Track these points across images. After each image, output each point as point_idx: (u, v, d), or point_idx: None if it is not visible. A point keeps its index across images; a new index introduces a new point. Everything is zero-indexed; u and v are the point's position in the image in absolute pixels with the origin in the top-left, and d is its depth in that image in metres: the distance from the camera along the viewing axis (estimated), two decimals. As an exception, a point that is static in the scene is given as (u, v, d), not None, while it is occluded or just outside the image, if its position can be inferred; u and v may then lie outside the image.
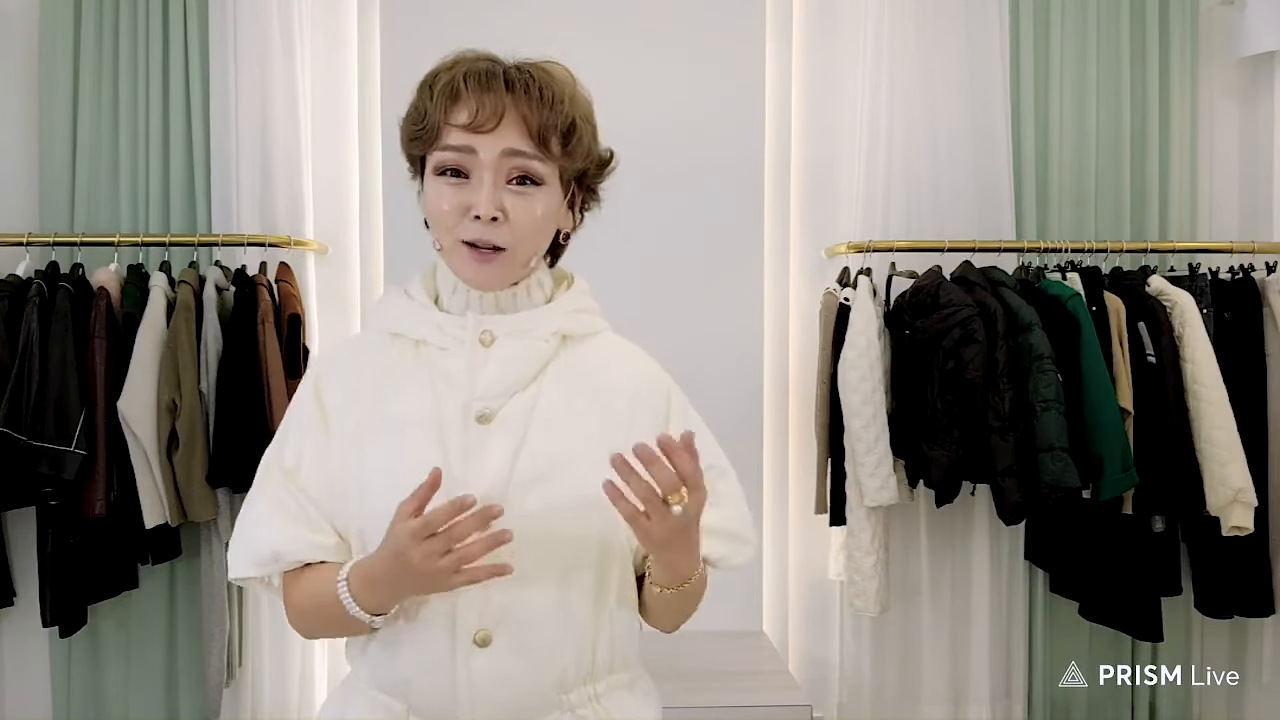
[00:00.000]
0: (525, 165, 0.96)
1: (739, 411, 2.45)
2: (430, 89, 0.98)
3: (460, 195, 0.96)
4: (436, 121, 0.96)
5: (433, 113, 0.96)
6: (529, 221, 0.97)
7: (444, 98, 0.96)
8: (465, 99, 0.95)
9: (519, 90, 0.95)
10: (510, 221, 0.96)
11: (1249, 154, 2.59)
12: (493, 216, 0.95)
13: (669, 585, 0.99)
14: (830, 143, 2.55)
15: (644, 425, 1.04)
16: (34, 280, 2.15)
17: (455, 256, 0.99)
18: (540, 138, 0.96)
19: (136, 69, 2.34)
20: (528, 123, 0.95)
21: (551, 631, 0.97)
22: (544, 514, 0.96)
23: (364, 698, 1.02)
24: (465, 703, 0.95)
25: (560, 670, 0.98)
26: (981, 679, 2.47)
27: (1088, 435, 2.14)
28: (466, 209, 0.96)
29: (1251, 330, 2.31)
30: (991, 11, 2.44)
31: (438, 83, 0.97)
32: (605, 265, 1.20)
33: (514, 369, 1.00)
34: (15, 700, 2.41)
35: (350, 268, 2.52)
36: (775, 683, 2.10)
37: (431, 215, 1.00)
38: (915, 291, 2.27)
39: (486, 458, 0.97)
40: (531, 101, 0.95)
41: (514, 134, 0.95)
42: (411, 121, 1.00)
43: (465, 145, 0.95)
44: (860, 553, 2.26)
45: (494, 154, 0.95)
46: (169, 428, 2.11)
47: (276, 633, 2.39)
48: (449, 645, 0.96)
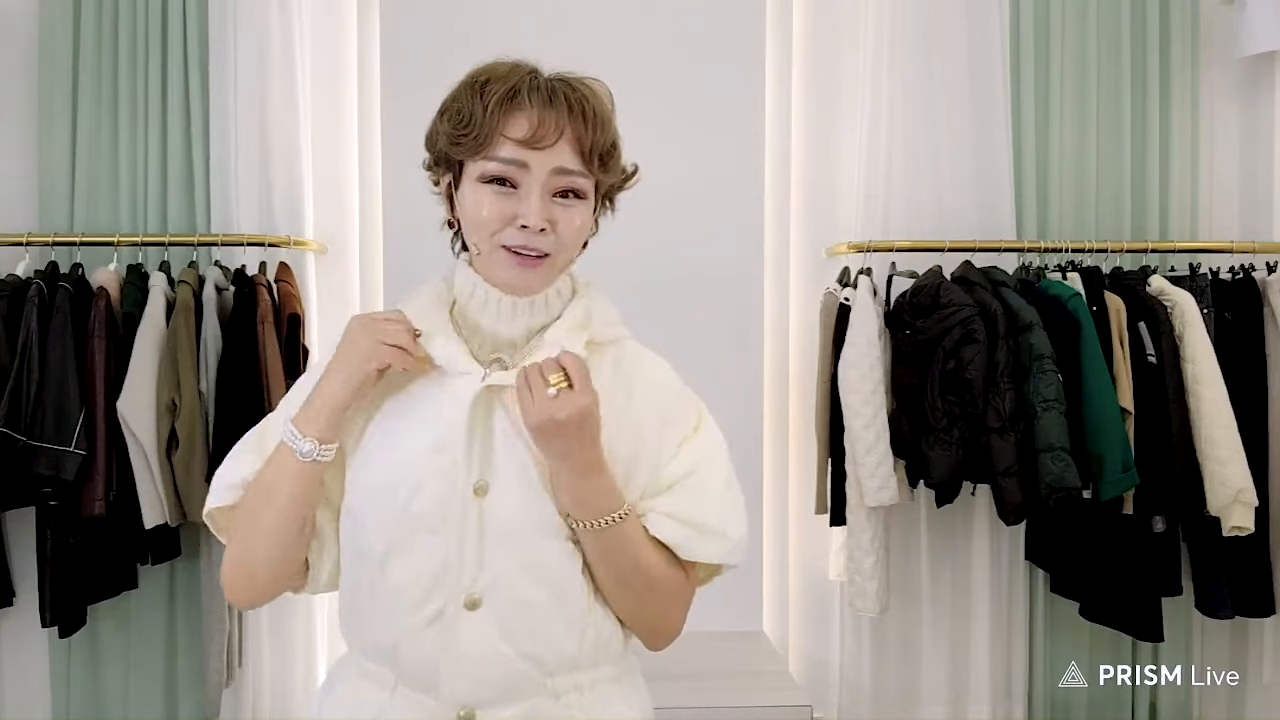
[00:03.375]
0: (572, 182, 0.98)
1: (739, 411, 2.45)
2: (479, 94, 0.97)
3: (506, 204, 0.97)
4: (489, 130, 0.96)
5: (484, 120, 0.96)
6: (571, 232, 1.00)
7: (500, 108, 0.96)
8: (527, 113, 0.96)
9: (575, 109, 0.97)
10: (556, 232, 0.98)
11: (1249, 154, 2.59)
12: (540, 228, 0.97)
13: (581, 518, 0.98)
14: (830, 143, 2.55)
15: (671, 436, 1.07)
16: (33, 280, 2.14)
17: (493, 260, 1.00)
18: (588, 157, 0.98)
19: (136, 69, 2.34)
20: (580, 143, 0.98)
21: (539, 611, 0.99)
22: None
23: (356, 668, 1.05)
24: (449, 670, 0.98)
25: (544, 650, 0.99)
26: (981, 679, 2.47)
27: (1088, 435, 2.14)
28: (512, 218, 0.97)
29: (1252, 330, 2.31)
30: (992, 12, 2.44)
31: (490, 90, 0.96)
32: (605, 265, 1.21)
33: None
34: (15, 700, 2.41)
35: (350, 268, 2.52)
36: (775, 683, 2.10)
37: (472, 220, 1.00)
38: (915, 291, 2.27)
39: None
40: (586, 122, 0.98)
41: (567, 153, 0.97)
42: (455, 125, 0.98)
43: (519, 159, 0.96)
44: (860, 553, 2.26)
45: (546, 170, 0.97)
46: (169, 428, 2.11)
47: (276, 633, 2.39)
48: (438, 609, 0.98)
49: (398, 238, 2.42)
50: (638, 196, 1.18)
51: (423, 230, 1.17)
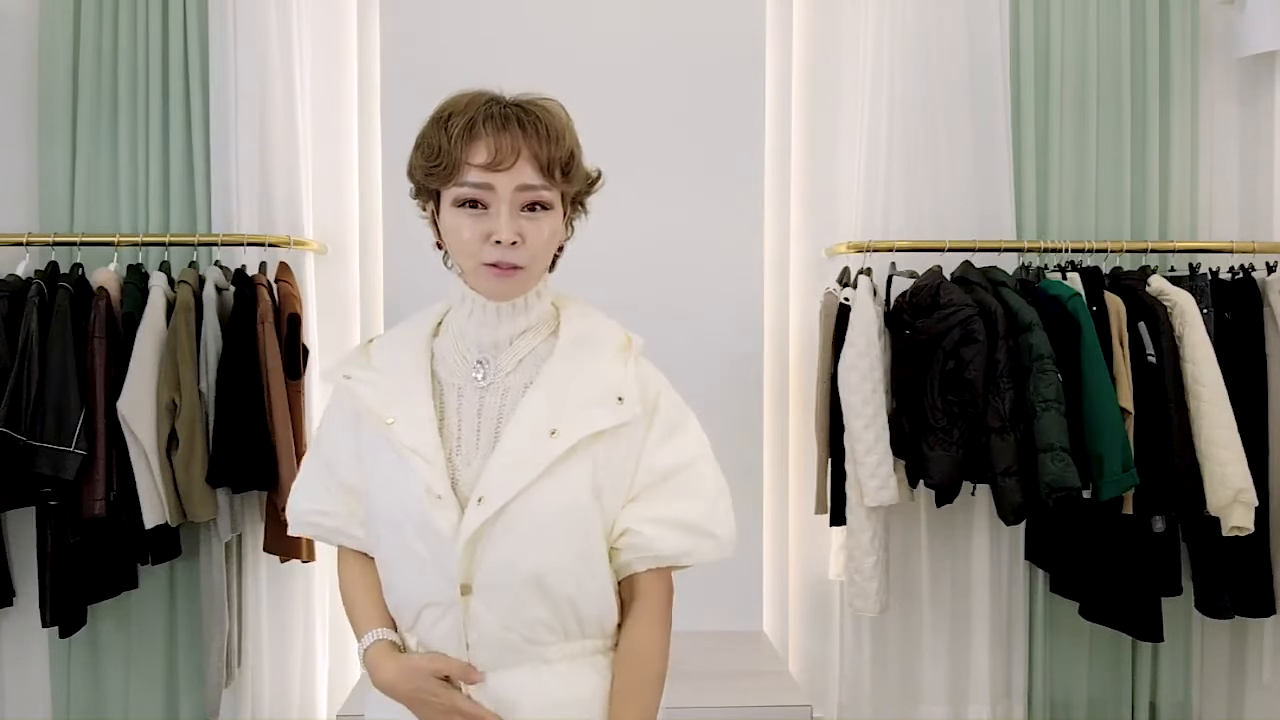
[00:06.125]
0: (536, 195, 1.07)
1: (739, 412, 2.45)
2: (444, 128, 1.07)
3: (481, 224, 1.07)
4: (455, 160, 1.06)
5: (449, 151, 1.06)
6: (541, 242, 1.09)
7: (462, 138, 1.06)
8: (485, 140, 1.05)
9: (529, 130, 1.06)
10: (526, 244, 1.08)
11: (1249, 154, 2.59)
12: (512, 241, 1.06)
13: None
14: (830, 143, 2.55)
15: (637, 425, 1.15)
16: (34, 280, 2.15)
17: (478, 276, 1.10)
18: (548, 170, 1.07)
19: (136, 69, 2.34)
20: (538, 159, 1.06)
21: (528, 596, 1.08)
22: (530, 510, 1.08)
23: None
24: (455, 640, 1.10)
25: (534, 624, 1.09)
26: (981, 679, 2.47)
27: (1088, 435, 2.14)
28: (487, 235, 1.07)
29: (1252, 330, 2.31)
30: (992, 13, 2.44)
31: (453, 123, 1.06)
32: (606, 265, 1.22)
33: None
34: (15, 700, 2.41)
35: (350, 268, 2.52)
36: (775, 683, 2.10)
37: (454, 243, 1.11)
38: (915, 291, 2.27)
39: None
40: (541, 140, 1.06)
41: (527, 170, 1.06)
42: (426, 158, 1.09)
43: (484, 183, 1.06)
44: (860, 553, 2.26)
45: (510, 188, 1.06)
46: (169, 428, 2.11)
47: (276, 633, 2.39)
48: (446, 592, 1.09)
49: (398, 238, 2.42)
50: (638, 196, 1.20)
51: (422, 230, 1.19)
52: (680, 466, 1.14)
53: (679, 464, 1.14)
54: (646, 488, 1.13)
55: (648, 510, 1.12)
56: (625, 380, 1.13)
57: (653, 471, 1.13)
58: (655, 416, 1.15)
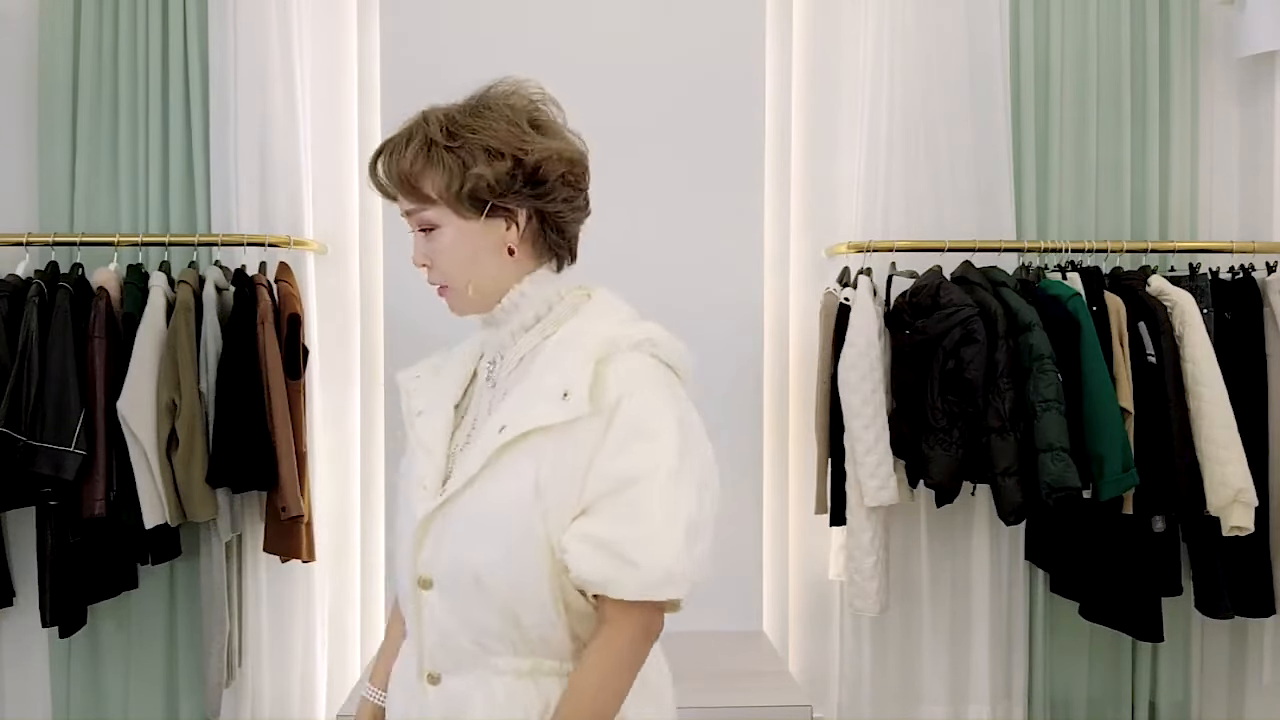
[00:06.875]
0: (419, 219, 1.12)
1: (739, 411, 2.45)
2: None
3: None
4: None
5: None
6: (444, 258, 1.12)
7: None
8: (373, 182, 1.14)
9: (385, 167, 1.11)
10: (434, 264, 1.13)
11: (1249, 154, 2.59)
12: (421, 264, 1.15)
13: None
14: (830, 143, 2.55)
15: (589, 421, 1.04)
16: (33, 280, 2.15)
17: None
18: (415, 194, 1.10)
19: (136, 69, 2.34)
20: (402, 187, 1.10)
21: (474, 595, 1.06)
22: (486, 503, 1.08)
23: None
24: (424, 631, 1.11)
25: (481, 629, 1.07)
26: (981, 679, 2.46)
27: (1088, 435, 2.14)
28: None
29: (1252, 330, 2.31)
30: (992, 13, 2.43)
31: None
32: (605, 265, 1.22)
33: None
34: (15, 700, 2.41)
35: (350, 268, 2.52)
36: (775, 683, 2.10)
37: None
38: (915, 291, 2.27)
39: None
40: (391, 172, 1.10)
41: (403, 200, 1.12)
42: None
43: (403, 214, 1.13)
44: (860, 553, 2.26)
45: (406, 217, 1.13)
46: (169, 428, 2.11)
47: (276, 633, 2.38)
48: (406, 585, 1.12)
49: (398, 238, 2.40)
50: (638, 196, 1.20)
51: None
52: (632, 479, 1.00)
53: (632, 475, 1.00)
54: (600, 497, 1.01)
55: (588, 525, 1.01)
56: (579, 377, 1.03)
57: (605, 478, 1.01)
58: (615, 417, 1.02)
